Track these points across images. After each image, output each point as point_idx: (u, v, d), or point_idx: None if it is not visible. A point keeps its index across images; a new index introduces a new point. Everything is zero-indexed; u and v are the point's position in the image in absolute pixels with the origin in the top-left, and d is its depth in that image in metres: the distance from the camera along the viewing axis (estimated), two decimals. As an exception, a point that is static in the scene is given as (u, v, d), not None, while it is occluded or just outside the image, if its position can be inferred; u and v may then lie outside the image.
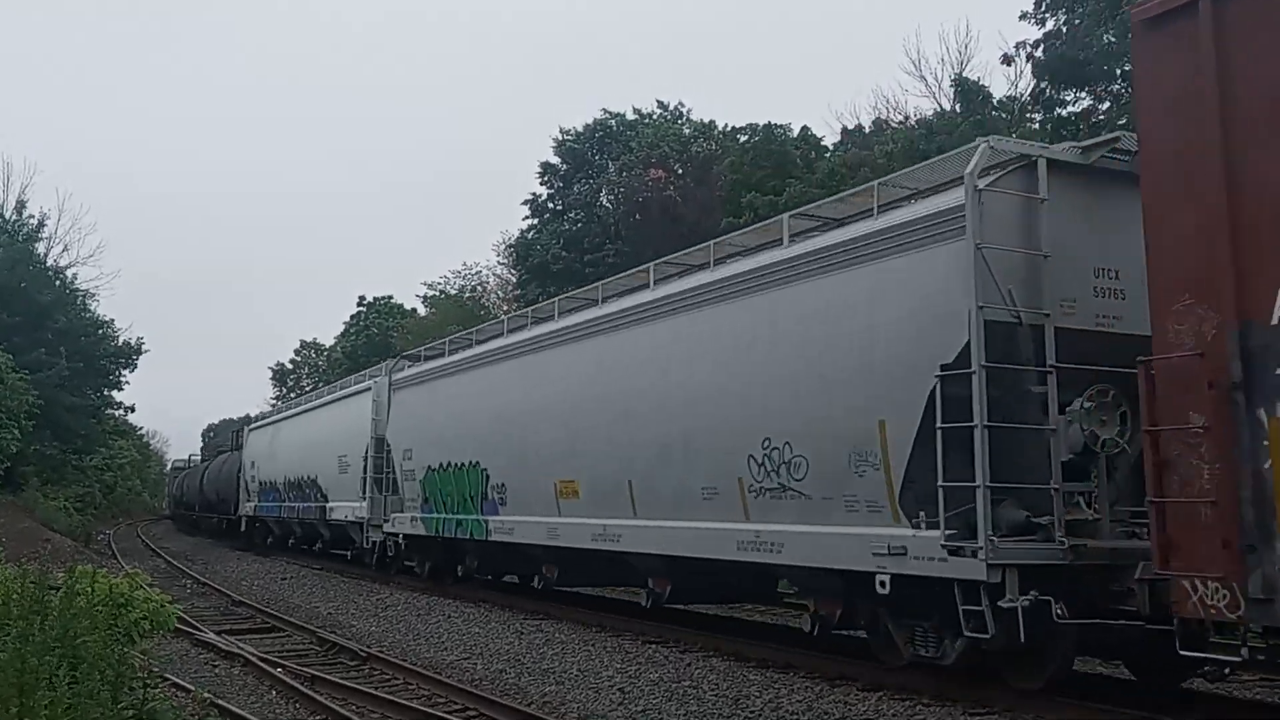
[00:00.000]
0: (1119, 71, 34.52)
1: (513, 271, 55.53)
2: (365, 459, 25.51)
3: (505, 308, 58.55)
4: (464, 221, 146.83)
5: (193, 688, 10.66)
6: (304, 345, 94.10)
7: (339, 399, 29.63)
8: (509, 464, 18.19)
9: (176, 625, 14.08)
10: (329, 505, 28.67)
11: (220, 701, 10.33)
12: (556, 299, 19.09)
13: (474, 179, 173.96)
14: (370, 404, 25.95)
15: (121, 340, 49.21)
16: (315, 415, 31.87)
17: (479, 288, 63.70)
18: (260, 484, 36.48)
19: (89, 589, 7.51)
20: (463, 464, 19.93)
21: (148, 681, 6.56)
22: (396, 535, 23.32)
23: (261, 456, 36.99)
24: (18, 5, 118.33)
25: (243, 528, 39.90)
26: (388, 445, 24.16)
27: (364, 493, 25.48)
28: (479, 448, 19.30)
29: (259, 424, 40.14)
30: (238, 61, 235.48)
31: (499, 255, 60.41)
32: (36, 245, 47.66)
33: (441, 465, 20.95)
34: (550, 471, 16.61)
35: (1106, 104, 35.16)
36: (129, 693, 6.27)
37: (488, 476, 18.91)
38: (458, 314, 58.18)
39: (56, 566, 18.80)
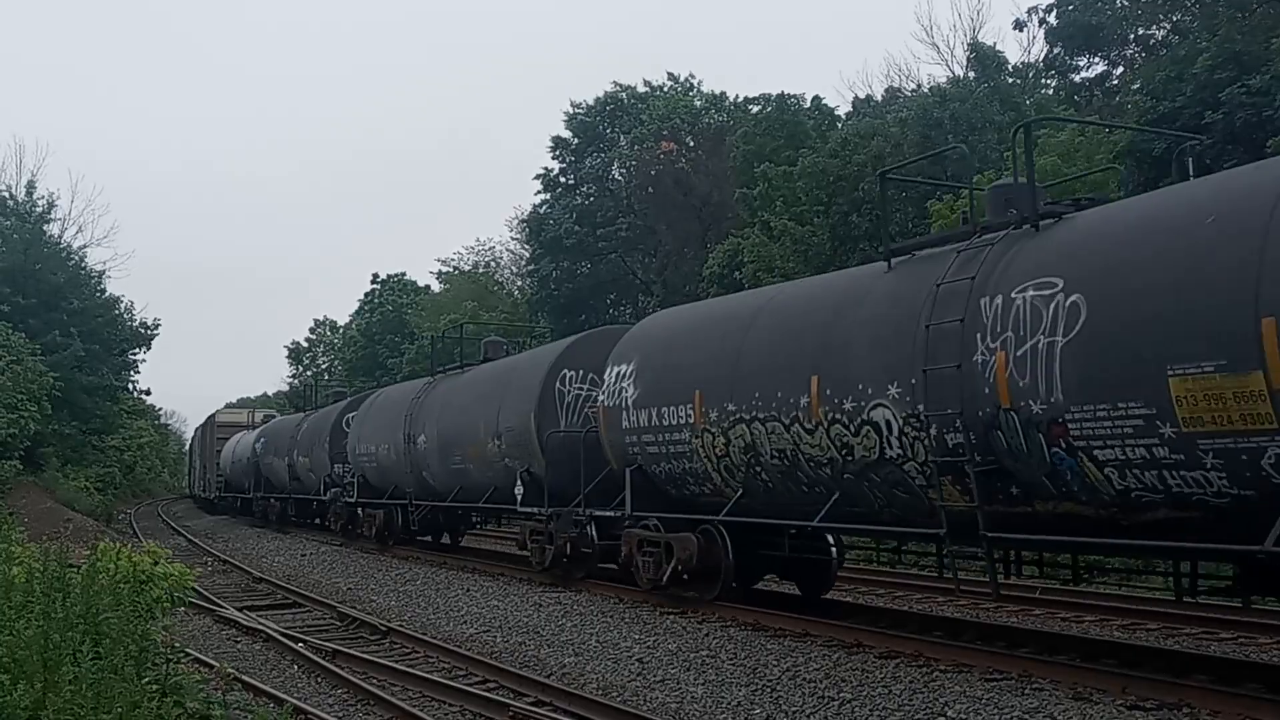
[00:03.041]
0: (1133, 36, 34.27)
1: (525, 246, 55.54)
2: None
3: (519, 283, 58.65)
4: (476, 197, 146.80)
5: (215, 663, 10.76)
6: (318, 324, 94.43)
7: None
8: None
9: (198, 602, 14.25)
10: None
11: (243, 676, 10.42)
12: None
13: (485, 153, 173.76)
14: None
15: (138, 321, 49.36)
16: None
17: (492, 263, 63.74)
18: None
19: (111, 566, 7.58)
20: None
21: (170, 657, 6.64)
22: None
23: None
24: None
25: None
26: None
27: None
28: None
29: None
30: (245, 40, 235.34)
31: (512, 230, 60.42)
32: (49, 226, 47.79)
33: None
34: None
35: (1120, 69, 34.91)
36: (152, 668, 6.35)
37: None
38: (471, 290, 58.25)
39: (78, 546, 18.94)
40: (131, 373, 50.89)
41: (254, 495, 40.34)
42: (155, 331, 49.65)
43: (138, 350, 49.71)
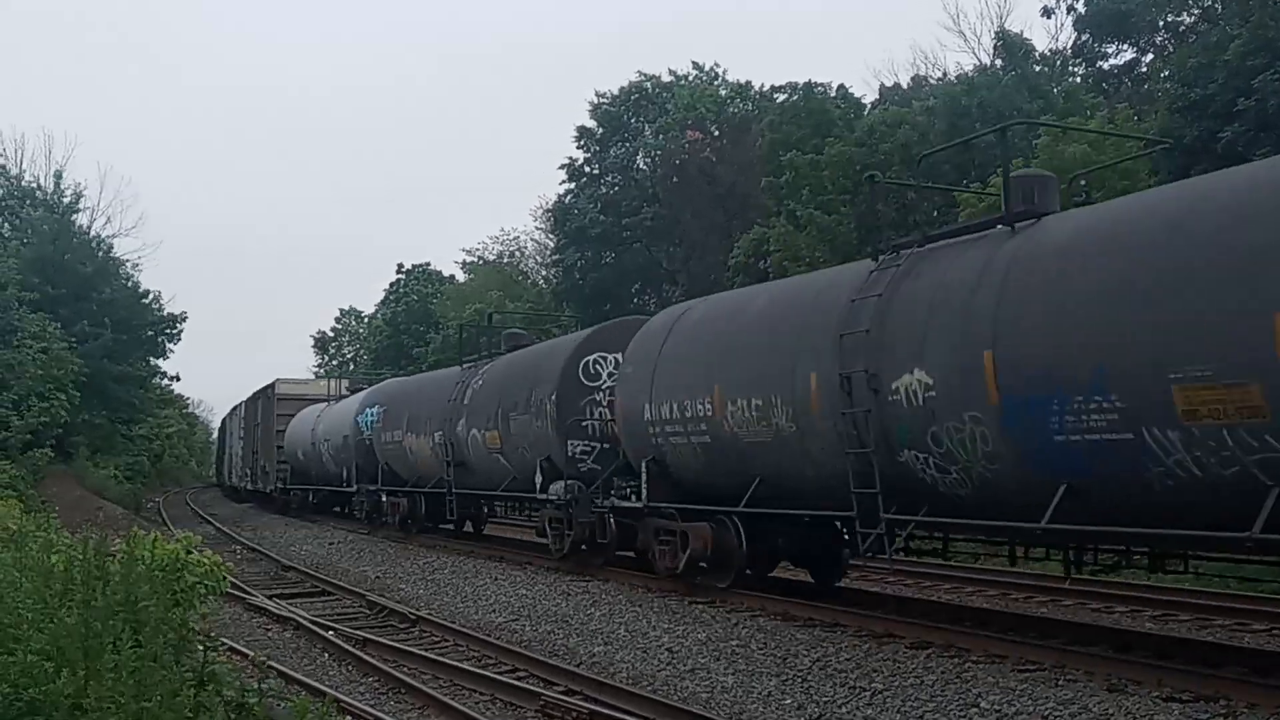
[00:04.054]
0: (1162, 23, 33.93)
1: (550, 236, 55.62)
2: None
3: (544, 273, 58.74)
4: (500, 187, 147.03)
5: (247, 651, 10.83)
6: (343, 313, 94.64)
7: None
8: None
9: (229, 590, 14.33)
10: None
11: (277, 666, 10.47)
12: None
13: (509, 142, 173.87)
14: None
15: (165, 311, 49.71)
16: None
17: (517, 253, 63.82)
18: None
19: (148, 554, 7.64)
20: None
21: (207, 644, 6.69)
22: None
23: None
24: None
25: None
26: None
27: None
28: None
29: None
30: (262, 28, 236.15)
31: (536, 220, 60.52)
32: (77, 216, 48.18)
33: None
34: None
35: (1150, 56, 34.59)
36: (189, 656, 6.39)
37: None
38: (497, 279, 58.36)
39: (110, 534, 19.06)
40: (160, 362, 51.28)
41: (357, 488, 29.04)
42: (183, 323, 49.99)
43: (166, 342, 50.07)
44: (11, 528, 11.86)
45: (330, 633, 13.51)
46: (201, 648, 6.54)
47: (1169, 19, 33.54)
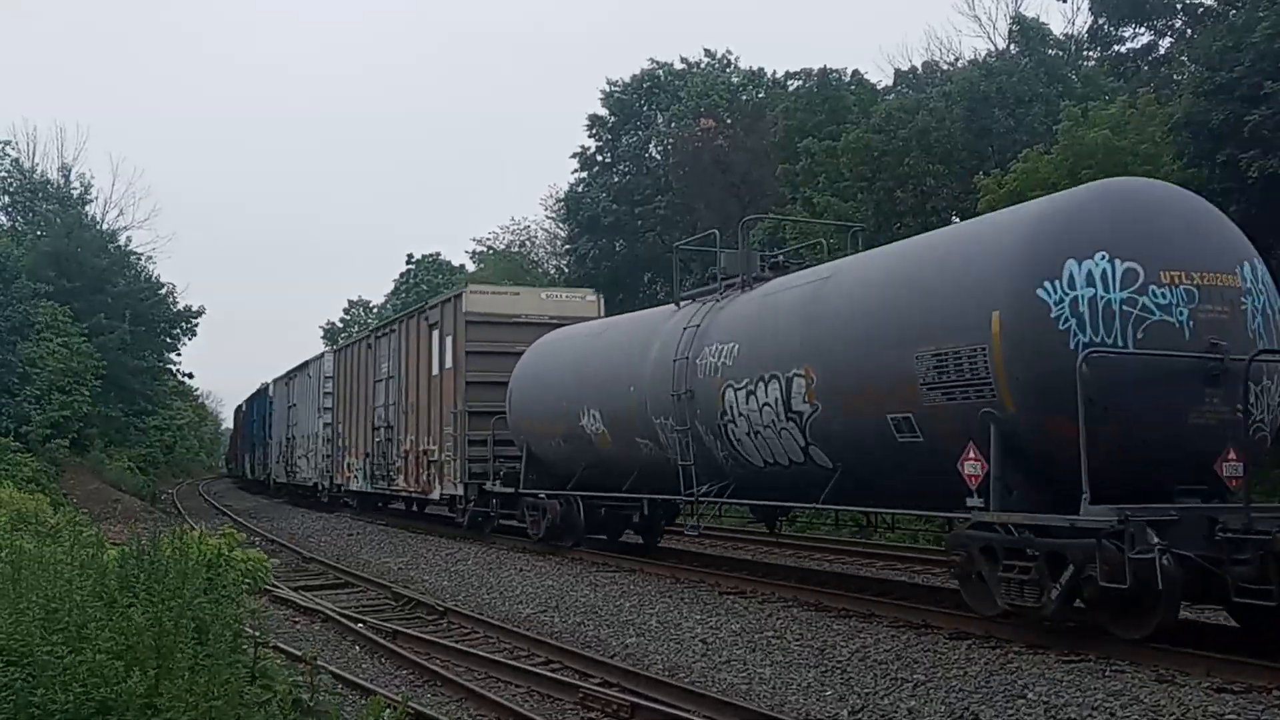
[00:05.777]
0: (1180, 5, 33.66)
1: (561, 226, 55.45)
2: None
3: (554, 262, 58.59)
4: (510, 176, 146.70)
5: (289, 648, 10.77)
6: (352, 304, 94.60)
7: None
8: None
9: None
10: None
11: (324, 665, 10.38)
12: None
13: (517, 131, 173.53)
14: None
15: (181, 305, 49.68)
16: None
17: (528, 242, 63.65)
18: None
19: (198, 551, 7.60)
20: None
21: (260, 640, 6.63)
22: None
23: None
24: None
25: None
26: None
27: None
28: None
29: None
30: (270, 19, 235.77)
31: (547, 209, 60.35)
32: (88, 208, 48.16)
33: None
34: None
35: (1168, 39, 34.33)
36: (242, 653, 6.34)
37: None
38: (507, 269, 58.26)
39: (131, 526, 19.09)
40: (175, 355, 51.28)
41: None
42: (199, 317, 49.97)
43: (182, 336, 50.05)
44: (49, 522, 11.82)
45: (360, 625, 13.46)
46: (251, 646, 6.48)
47: (1187, 1, 33.27)
